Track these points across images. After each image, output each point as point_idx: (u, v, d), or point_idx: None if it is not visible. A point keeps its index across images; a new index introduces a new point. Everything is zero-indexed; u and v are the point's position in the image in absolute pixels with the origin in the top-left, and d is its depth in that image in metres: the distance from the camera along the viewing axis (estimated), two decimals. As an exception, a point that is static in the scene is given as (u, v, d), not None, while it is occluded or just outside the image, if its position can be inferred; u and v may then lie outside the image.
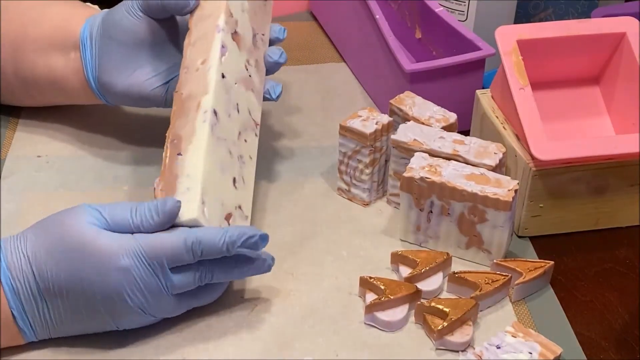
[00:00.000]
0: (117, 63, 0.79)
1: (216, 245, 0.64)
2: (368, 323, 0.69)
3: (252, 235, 0.65)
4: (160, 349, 0.66)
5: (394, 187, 0.79)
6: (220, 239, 0.64)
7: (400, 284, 0.70)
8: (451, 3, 0.95)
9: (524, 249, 0.77)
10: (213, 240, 0.64)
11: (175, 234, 0.63)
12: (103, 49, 0.79)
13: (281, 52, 0.80)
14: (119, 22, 0.78)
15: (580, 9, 1.06)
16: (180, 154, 0.68)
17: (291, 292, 0.72)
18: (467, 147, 0.75)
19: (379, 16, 0.90)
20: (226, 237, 0.64)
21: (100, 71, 0.80)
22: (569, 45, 0.80)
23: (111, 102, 0.83)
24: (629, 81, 0.79)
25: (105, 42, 0.79)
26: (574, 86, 0.83)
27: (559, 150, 0.73)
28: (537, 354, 0.65)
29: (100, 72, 0.80)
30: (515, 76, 0.76)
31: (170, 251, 0.63)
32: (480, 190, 0.70)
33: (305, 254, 0.75)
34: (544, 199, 0.76)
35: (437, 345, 0.67)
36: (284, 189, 0.82)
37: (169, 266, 0.63)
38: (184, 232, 0.63)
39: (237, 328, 0.68)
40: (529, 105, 0.75)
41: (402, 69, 0.85)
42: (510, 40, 0.78)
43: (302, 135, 0.90)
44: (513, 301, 0.72)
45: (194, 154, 0.67)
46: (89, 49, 0.80)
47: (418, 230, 0.76)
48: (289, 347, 0.67)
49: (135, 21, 0.78)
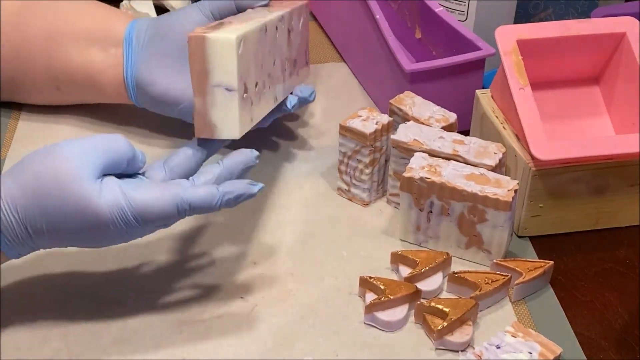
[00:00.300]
0: (164, 62, 0.79)
1: (210, 208, 0.63)
2: (368, 323, 0.69)
3: (249, 194, 0.64)
4: (160, 349, 0.66)
5: (394, 187, 0.79)
6: (215, 204, 0.63)
7: (400, 284, 0.70)
8: (451, 3, 0.95)
9: (523, 249, 0.77)
10: (208, 204, 0.63)
11: (166, 199, 0.62)
12: (151, 48, 0.79)
13: (312, 91, 0.83)
14: (180, 22, 0.78)
15: (580, 9, 1.06)
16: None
17: (291, 292, 0.72)
18: (467, 147, 0.75)
19: (379, 16, 0.90)
20: (222, 201, 0.63)
21: (141, 69, 0.80)
22: (569, 45, 0.80)
23: (141, 103, 0.83)
24: (629, 81, 0.79)
25: (156, 41, 0.79)
26: (574, 86, 0.83)
27: (559, 150, 0.73)
28: (537, 354, 0.65)
29: (141, 69, 0.80)
30: (515, 76, 0.76)
31: (159, 215, 0.62)
32: (480, 190, 0.70)
33: (305, 254, 0.75)
34: (543, 199, 0.76)
35: (437, 345, 0.67)
36: (284, 189, 0.83)
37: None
38: (176, 198, 0.62)
39: (237, 328, 0.68)
40: (529, 105, 0.75)
41: (402, 69, 0.85)
42: (510, 40, 0.78)
43: (302, 135, 0.90)
44: (513, 301, 0.72)
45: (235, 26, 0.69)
46: (134, 46, 0.80)
47: (418, 230, 0.76)
48: (289, 347, 0.67)
49: (199, 22, 0.77)
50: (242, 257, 0.75)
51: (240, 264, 0.74)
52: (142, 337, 0.67)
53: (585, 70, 0.83)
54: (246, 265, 0.74)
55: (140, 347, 0.66)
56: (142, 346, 0.66)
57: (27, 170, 0.61)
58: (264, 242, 0.76)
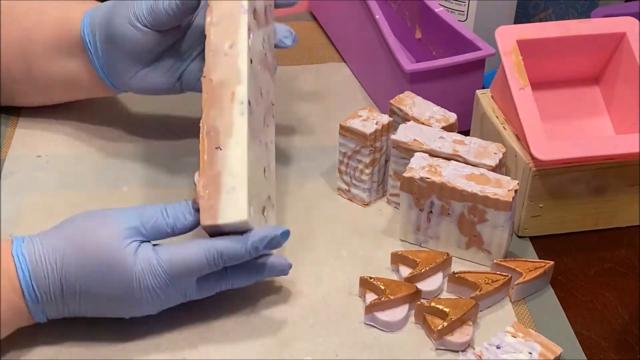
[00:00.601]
0: (125, 67, 0.79)
1: (239, 254, 0.64)
2: (368, 323, 0.69)
3: (273, 236, 0.65)
4: (160, 349, 0.66)
5: (394, 187, 0.79)
6: (242, 248, 0.64)
7: (400, 284, 0.70)
8: (451, 3, 0.95)
9: (524, 249, 0.77)
10: (235, 249, 0.64)
11: (195, 249, 0.63)
12: (108, 54, 0.79)
13: (293, 35, 0.80)
14: (121, 33, 0.76)
15: (580, 9, 1.06)
16: (220, 149, 0.67)
17: (291, 292, 0.72)
18: (467, 147, 0.75)
19: (379, 16, 0.90)
20: (248, 245, 0.64)
21: (109, 72, 0.80)
22: (569, 45, 0.80)
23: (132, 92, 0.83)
24: (629, 81, 0.79)
25: (109, 48, 0.78)
26: (574, 86, 0.83)
27: (559, 150, 0.73)
28: (537, 354, 0.65)
29: (110, 73, 0.80)
30: (515, 76, 0.76)
31: (193, 266, 0.64)
32: (480, 190, 0.70)
33: (305, 254, 0.75)
34: (544, 199, 0.76)
35: (437, 345, 0.67)
36: (284, 189, 0.82)
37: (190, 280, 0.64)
38: (204, 245, 0.64)
39: (237, 328, 0.68)
40: (529, 105, 0.75)
41: (402, 69, 0.85)
42: (510, 40, 0.78)
43: (302, 135, 0.90)
44: (513, 301, 0.72)
45: (235, 150, 0.67)
46: (94, 51, 0.80)
47: (418, 230, 0.76)
48: (289, 347, 0.67)
49: (138, 34, 0.76)
50: (242, 257, 0.75)
51: (240, 264, 0.74)
52: (143, 337, 0.67)
53: (585, 70, 0.83)
54: (246, 265, 0.74)
55: (140, 347, 0.66)
56: (143, 346, 0.66)
57: (74, 227, 0.63)
58: (264, 242, 0.76)
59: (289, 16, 1.09)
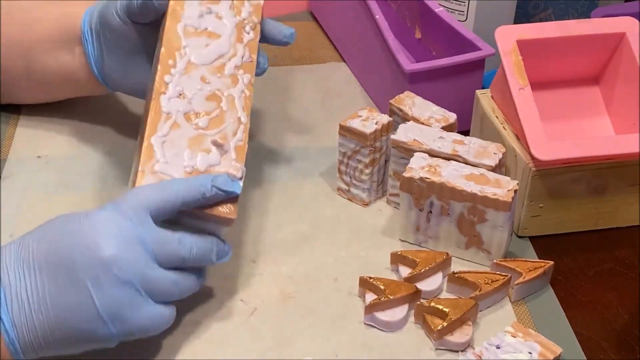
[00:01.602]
0: (117, 64, 0.79)
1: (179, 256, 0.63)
2: (368, 323, 0.69)
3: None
4: (160, 351, 0.66)
5: (394, 187, 0.79)
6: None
7: (400, 284, 0.70)
8: (451, 3, 0.95)
9: (523, 249, 0.77)
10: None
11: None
12: (104, 47, 0.79)
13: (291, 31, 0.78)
14: (111, 25, 0.77)
15: (580, 9, 1.06)
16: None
17: (291, 292, 0.72)
18: (466, 147, 0.75)
19: (378, 16, 0.90)
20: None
21: (103, 67, 0.80)
22: (569, 46, 0.80)
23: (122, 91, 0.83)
24: (629, 81, 0.79)
25: (104, 41, 0.79)
26: (574, 86, 0.83)
27: (559, 150, 0.73)
28: (536, 354, 0.65)
29: (104, 67, 0.80)
30: (515, 76, 0.76)
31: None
32: (479, 190, 0.70)
33: (305, 254, 0.75)
34: (543, 199, 0.76)
35: (437, 345, 0.67)
36: (284, 189, 0.82)
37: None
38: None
39: (237, 329, 0.68)
40: (529, 105, 0.75)
41: (402, 69, 0.85)
42: (510, 40, 0.78)
43: (302, 135, 0.90)
44: (513, 301, 0.72)
45: None
46: (91, 44, 0.80)
47: (418, 231, 0.76)
48: (289, 347, 0.67)
49: (123, 26, 0.76)
50: (242, 257, 0.75)
51: (240, 263, 0.74)
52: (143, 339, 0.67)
53: (585, 70, 0.83)
54: (246, 264, 0.74)
55: (141, 347, 0.66)
56: (143, 346, 0.66)
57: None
58: (264, 242, 0.76)
59: (289, 16, 1.09)
